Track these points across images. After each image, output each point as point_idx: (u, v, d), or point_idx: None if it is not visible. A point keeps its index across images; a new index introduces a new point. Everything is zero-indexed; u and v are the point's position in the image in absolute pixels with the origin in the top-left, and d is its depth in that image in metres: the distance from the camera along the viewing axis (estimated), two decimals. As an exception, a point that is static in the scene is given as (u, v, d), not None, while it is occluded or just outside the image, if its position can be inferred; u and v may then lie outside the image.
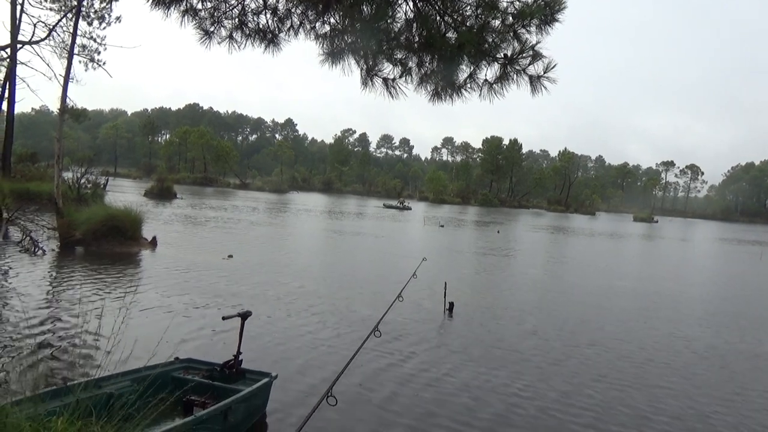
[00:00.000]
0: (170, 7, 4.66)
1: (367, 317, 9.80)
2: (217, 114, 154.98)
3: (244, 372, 5.29)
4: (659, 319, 11.74)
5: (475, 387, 6.78)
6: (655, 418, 6.22)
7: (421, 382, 6.75)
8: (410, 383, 6.69)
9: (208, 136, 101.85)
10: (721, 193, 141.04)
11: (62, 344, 7.10)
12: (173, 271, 12.90)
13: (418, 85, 5.34)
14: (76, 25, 17.97)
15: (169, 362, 5.24)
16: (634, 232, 52.09)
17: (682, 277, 20.36)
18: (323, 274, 14.43)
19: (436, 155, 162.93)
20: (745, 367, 8.77)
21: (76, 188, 22.01)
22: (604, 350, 8.95)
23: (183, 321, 8.60)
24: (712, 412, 6.56)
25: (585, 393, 6.88)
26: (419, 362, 7.50)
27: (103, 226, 15.28)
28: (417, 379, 6.83)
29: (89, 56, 27.84)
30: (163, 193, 43.67)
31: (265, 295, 11.14)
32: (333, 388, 3.49)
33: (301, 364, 7.11)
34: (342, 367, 3.86)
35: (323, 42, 4.73)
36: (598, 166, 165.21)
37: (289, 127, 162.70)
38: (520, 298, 13.15)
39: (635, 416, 6.24)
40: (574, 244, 32.35)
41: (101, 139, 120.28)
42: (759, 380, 8.06)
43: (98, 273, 11.98)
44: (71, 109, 22.65)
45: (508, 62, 5.01)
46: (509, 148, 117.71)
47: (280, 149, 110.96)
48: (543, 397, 6.61)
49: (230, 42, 5.03)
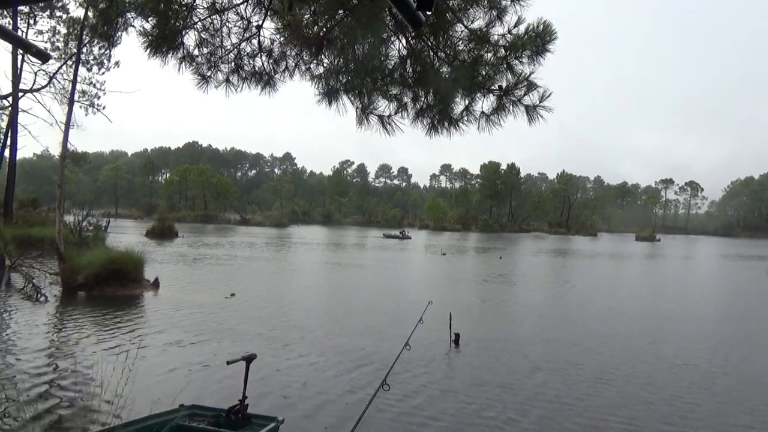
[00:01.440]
0: (168, 55, 4.72)
1: (373, 356, 9.68)
2: (216, 151, 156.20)
3: (250, 417, 5.18)
4: (667, 344, 11.61)
5: (484, 427, 6.66)
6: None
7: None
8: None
9: (208, 173, 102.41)
10: (722, 209, 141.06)
11: (66, 394, 6.99)
12: (176, 313, 12.81)
13: (414, 120, 5.38)
14: (76, 71, 18.27)
15: (174, 410, 5.14)
16: (637, 251, 51.92)
17: (687, 297, 20.17)
18: (326, 311, 14.29)
19: (435, 182, 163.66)
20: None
21: (77, 232, 22.06)
22: (611, 379, 8.81)
23: (187, 365, 8.50)
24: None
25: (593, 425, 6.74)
26: (429, 409, 7.21)
27: (105, 270, 15.22)
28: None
29: (89, 101, 28.23)
30: (164, 232, 43.69)
31: (268, 335, 11.03)
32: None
33: (308, 408, 6.97)
34: (349, 413, 3.77)
35: (318, 82, 4.79)
36: (597, 187, 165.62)
37: (288, 161, 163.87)
38: (525, 327, 13.02)
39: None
40: (576, 267, 32.20)
41: (102, 181, 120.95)
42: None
43: (101, 318, 11.90)
44: (72, 153, 22.86)
45: (504, 93, 5.05)
46: (507, 173, 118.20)
47: (280, 183, 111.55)
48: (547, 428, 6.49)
49: (227, 85, 5.09)
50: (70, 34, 26.19)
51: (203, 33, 4.81)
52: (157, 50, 4.62)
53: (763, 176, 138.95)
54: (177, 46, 4.73)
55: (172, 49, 4.71)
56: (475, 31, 4.78)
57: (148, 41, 4.56)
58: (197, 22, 4.73)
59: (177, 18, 4.63)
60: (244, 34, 4.87)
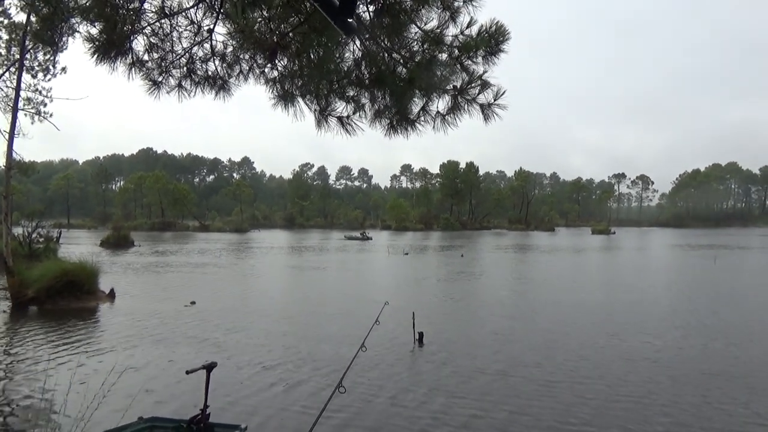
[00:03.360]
0: (116, 60, 4.59)
1: (333, 359, 9.66)
2: (172, 157, 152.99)
3: (212, 426, 5.08)
4: (625, 332, 11.98)
5: (448, 423, 6.73)
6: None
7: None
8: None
9: (164, 180, 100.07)
10: (671, 201, 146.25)
11: (19, 412, 6.73)
12: (133, 324, 12.48)
13: (373, 121, 5.40)
14: (19, 78, 17.52)
15: (133, 423, 5.00)
16: (594, 245, 53.32)
17: (644, 288, 20.83)
18: (286, 317, 14.14)
19: (396, 183, 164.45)
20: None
21: (27, 244, 21.26)
22: (573, 373, 9.03)
23: (145, 376, 8.29)
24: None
25: (553, 415, 6.90)
26: (388, 409, 7.27)
27: (58, 282, 14.70)
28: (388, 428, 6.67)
29: (35, 109, 27.12)
30: (119, 241, 42.56)
31: (228, 342, 10.87)
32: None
33: (270, 414, 6.91)
34: (309, 417, 3.75)
35: (273, 86, 4.74)
36: (553, 183, 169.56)
37: (246, 166, 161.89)
38: (488, 322, 13.20)
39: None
40: (536, 262, 32.84)
41: (52, 190, 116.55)
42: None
43: (54, 332, 11.48)
44: (19, 163, 21.96)
45: (458, 93, 5.12)
46: (466, 172, 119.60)
47: (239, 188, 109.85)
48: (514, 423, 6.60)
49: (179, 90, 4.98)
50: (12, 40, 25.17)
51: (152, 38, 4.69)
52: (104, 56, 4.48)
53: (708, 168, 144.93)
54: (125, 52, 4.60)
55: (120, 54, 4.58)
56: (429, 32, 4.82)
57: (94, 47, 4.41)
58: (146, 27, 4.61)
59: (124, 23, 4.51)
60: (196, 38, 4.78)
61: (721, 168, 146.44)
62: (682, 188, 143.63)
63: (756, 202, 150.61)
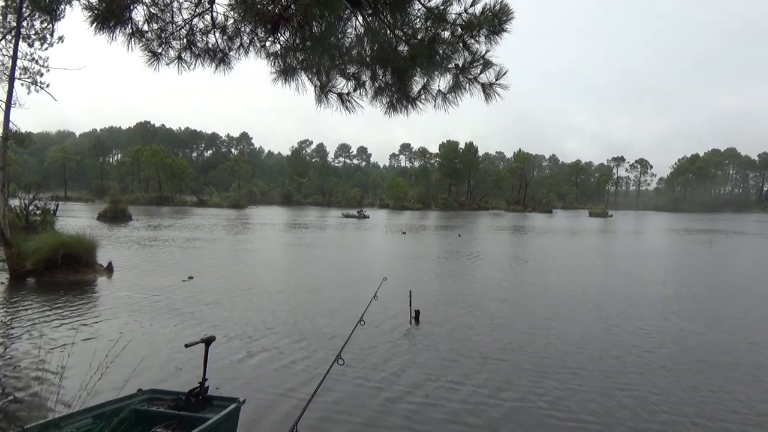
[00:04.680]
0: (115, 30, 4.53)
1: (331, 334, 9.75)
2: (170, 131, 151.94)
3: (210, 399, 5.15)
4: (618, 316, 12.08)
5: (443, 398, 6.81)
6: (623, 412, 6.37)
7: (388, 403, 6.69)
8: (379, 405, 6.60)
9: (162, 154, 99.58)
10: (669, 185, 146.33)
11: (17, 384, 6.78)
12: (131, 297, 12.53)
13: (374, 98, 5.36)
14: (16, 47, 17.27)
15: (132, 395, 5.06)
16: (591, 227, 53.45)
17: (638, 270, 20.95)
18: (284, 292, 14.23)
19: (395, 162, 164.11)
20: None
21: (24, 216, 21.22)
22: (569, 351, 9.12)
23: (144, 349, 8.35)
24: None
25: (553, 394, 6.99)
26: (387, 382, 7.34)
27: (55, 255, 14.72)
28: (385, 401, 6.74)
29: (32, 79, 26.83)
30: (117, 215, 42.47)
31: (226, 316, 10.94)
32: (299, 423, 3.45)
33: (268, 387, 6.98)
34: (308, 389, 3.80)
35: (275, 60, 4.70)
36: (552, 165, 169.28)
37: (245, 141, 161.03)
38: (482, 301, 13.27)
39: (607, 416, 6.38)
40: (533, 243, 32.94)
41: (49, 162, 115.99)
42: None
43: (52, 304, 11.53)
44: (15, 134, 21.80)
45: (460, 72, 5.07)
46: (465, 152, 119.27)
47: (237, 164, 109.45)
48: (508, 399, 6.69)
49: (179, 63, 4.93)
50: (9, 7, 24.79)
51: (152, 8, 4.64)
52: (103, 25, 4.43)
53: (707, 153, 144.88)
54: (125, 21, 4.54)
55: (119, 24, 4.53)
56: (433, 9, 4.76)
57: (93, 15, 4.36)
58: (146, -4, 4.55)
59: (124, -9, 4.45)
60: (196, 9, 4.72)
61: (719, 153, 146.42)
62: (680, 173, 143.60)
63: (753, 188, 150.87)
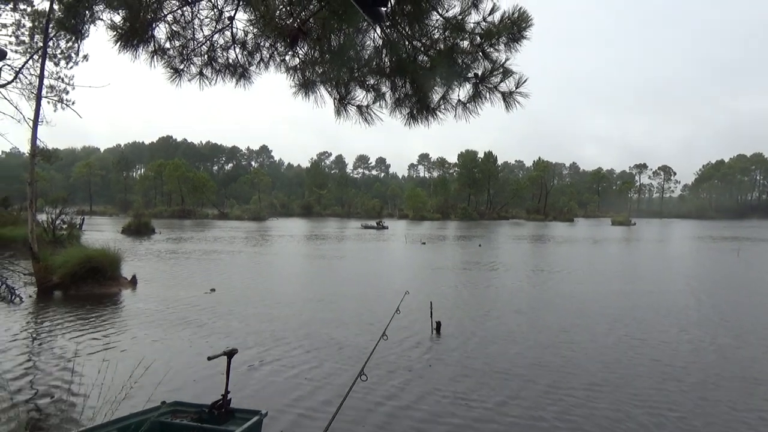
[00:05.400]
0: (138, 48, 4.62)
1: (353, 348, 9.71)
2: (192, 145, 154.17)
3: (233, 411, 5.15)
4: (643, 330, 11.84)
5: (464, 416, 6.73)
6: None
7: (410, 420, 6.61)
8: (403, 424, 6.50)
9: (184, 168, 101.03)
10: (694, 192, 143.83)
11: (45, 397, 6.88)
12: (155, 310, 12.66)
13: (393, 110, 5.36)
14: (42, 66, 17.75)
15: (156, 407, 5.09)
16: (613, 236, 52.71)
17: (665, 280, 20.57)
18: (305, 304, 14.24)
19: (413, 172, 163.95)
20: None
21: (51, 230, 21.61)
22: (599, 365, 8.97)
23: (167, 361, 8.41)
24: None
25: (580, 408, 6.86)
26: (409, 397, 7.25)
27: (81, 268, 14.96)
28: (408, 419, 6.61)
29: (58, 97, 27.47)
30: (140, 228, 43.08)
31: (249, 329, 10.98)
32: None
33: (291, 400, 6.96)
34: (330, 404, 3.76)
35: (294, 74, 4.73)
36: (573, 173, 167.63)
37: (265, 154, 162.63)
38: (504, 313, 13.13)
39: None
40: (554, 252, 32.57)
41: (75, 178, 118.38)
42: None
43: (78, 317, 11.70)
44: (42, 150, 22.31)
45: (480, 81, 5.05)
46: (484, 161, 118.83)
47: (257, 176, 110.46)
48: (532, 417, 6.58)
49: (201, 78, 5.00)
50: (36, 28, 25.48)
51: (174, 25, 4.72)
52: (127, 44, 4.51)
53: (733, 159, 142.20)
54: (148, 40, 4.63)
55: (142, 42, 4.61)
56: (451, 19, 4.76)
57: (117, 35, 4.44)
58: (168, 14, 4.63)
59: (147, 10, 4.53)
60: (217, 25, 4.79)
61: (745, 159, 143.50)
62: (705, 179, 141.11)
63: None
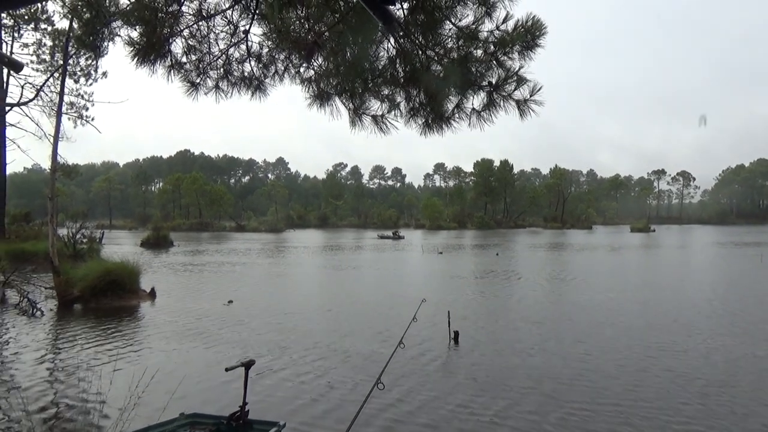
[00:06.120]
0: (155, 63, 4.68)
1: (370, 356, 9.68)
2: (209, 158, 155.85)
3: (251, 423, 5.15)
4: (664, 342, 11.64)
5: (484, 423, 6.65)
6: None
7: (428, 430, 6.53)
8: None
9: (201, 181, 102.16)
10: (714, 197, 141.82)
11: (68, 408, 6.95)
12: (174, 322, 12.75)
13: (408, 119, 5.37)
14: (63, 84, 18.15)
15: (174, 419, 5.11)
16: (632, 243, 52.09)
17: (686, 288, 20.24)
18: (323, 314, 14.26)
19: (429, 182, 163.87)
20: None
21: (71, 245, 21.95)
22: (619, 376, 8.83)
23: (186, 373, 8.45)
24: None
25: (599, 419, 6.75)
26: (427, 408, 7.19)
27: (101, 281, 15.14)
28: (425, 428, 6.57)
29: (78, 113, 28.12)
30: (159, 242, 43.57)
31: (266, 340, 11.00)
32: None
33: (309, 411, 6.95)
34: (347, 413, 3.74)
35: (309, 86, 4.76)
36: (590, 180, 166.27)
37: (281, 166, 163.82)
38: (522, 323, 13.00)
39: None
40: (572, 260, 32.25)
41: (94, 192, 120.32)
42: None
43: (98, 330, 11.83)
44: (63, 166, 22.75)
45: (494, 89, 5.05)
46: (500, 169, 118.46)
47: (274, 188, 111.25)
48: (549, 425, 6.49)
49: (217, 91, 5.05)
50: (56, 46, 26.09)
51: (190, 40, 4.77)
52: (144, 59, 4.57)
53: (753, 163, 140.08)
54: (164, 54, 4.69)
55: (159, 57, 4.67)
56: (464, 28, 4.76)
57: (134, 50, 4.51)
58: (184, 29, 4.69)
59: (163, 26, 4.60)
60: (232, 39, 4.84)
61: (766, 163, 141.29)
62: (725, 184, 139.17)
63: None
